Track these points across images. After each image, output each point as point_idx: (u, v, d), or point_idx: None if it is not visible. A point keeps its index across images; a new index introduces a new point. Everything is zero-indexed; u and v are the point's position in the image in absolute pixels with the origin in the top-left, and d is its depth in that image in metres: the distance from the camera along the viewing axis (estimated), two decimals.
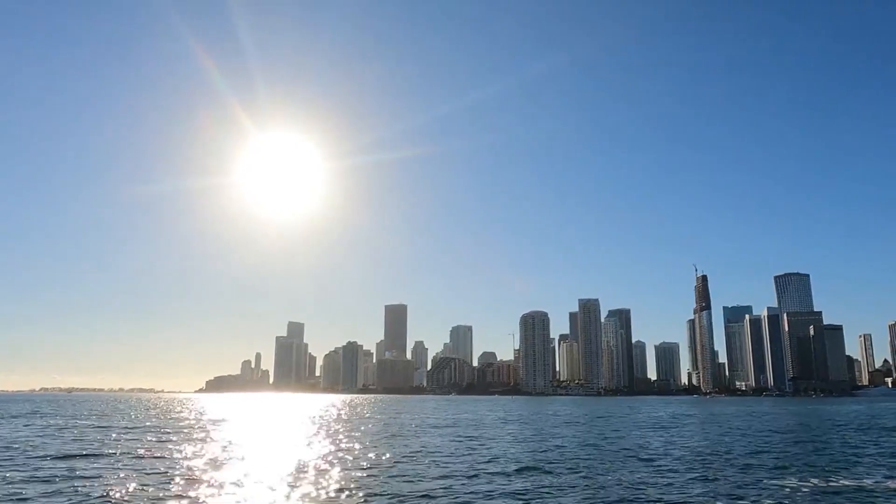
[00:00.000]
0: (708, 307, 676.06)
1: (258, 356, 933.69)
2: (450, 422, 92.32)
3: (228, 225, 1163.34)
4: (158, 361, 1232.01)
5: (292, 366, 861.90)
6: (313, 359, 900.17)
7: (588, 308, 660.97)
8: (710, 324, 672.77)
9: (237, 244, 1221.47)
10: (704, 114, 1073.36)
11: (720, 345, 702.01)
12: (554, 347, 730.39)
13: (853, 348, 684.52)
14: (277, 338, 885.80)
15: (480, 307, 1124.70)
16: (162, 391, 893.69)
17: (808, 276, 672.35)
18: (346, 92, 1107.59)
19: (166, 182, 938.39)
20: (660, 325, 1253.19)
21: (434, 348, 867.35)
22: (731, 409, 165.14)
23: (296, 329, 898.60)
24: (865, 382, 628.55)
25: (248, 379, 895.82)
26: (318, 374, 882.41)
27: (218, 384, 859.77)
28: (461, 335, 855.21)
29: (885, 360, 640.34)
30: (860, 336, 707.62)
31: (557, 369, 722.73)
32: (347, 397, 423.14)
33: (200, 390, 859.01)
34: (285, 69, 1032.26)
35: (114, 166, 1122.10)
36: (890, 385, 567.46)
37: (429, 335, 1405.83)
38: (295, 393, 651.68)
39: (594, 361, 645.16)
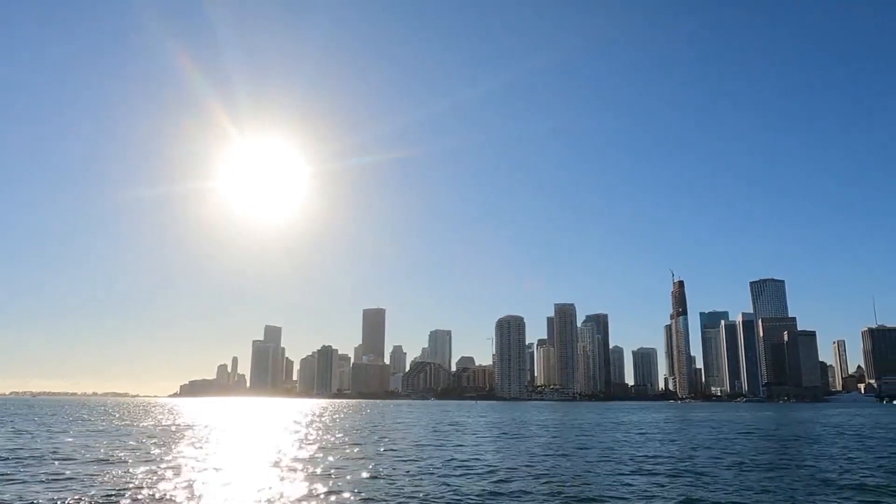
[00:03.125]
0: (684, 312, 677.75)
1: (234, 360, 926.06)
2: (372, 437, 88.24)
3: (207, 229, 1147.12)
4: (134, 366, 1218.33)
5: (269, 370, 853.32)
6: (290, 363, 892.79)
7: (564, 313, 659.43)
8: (687, 329, 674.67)
9: (216, 248, 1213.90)
10: (685, 120, 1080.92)
11: (697, 350, 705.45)
12: (532, 352, 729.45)
13: (827, 354, 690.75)
14: (254, 342, 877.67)
15: (460, 312, 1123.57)
16: (137, 395, 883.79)
17: (783, 282, 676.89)
18: (328, 95, 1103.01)
19: (145, 186, 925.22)
20: (638, 330, 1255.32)
21: (413, 353, 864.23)
22: (691, 415, 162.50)
23: (273, 333, 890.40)
24: (839, 388, 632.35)
25: (223, 383, 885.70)
26: (295, 378, 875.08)
27: (193, 388, 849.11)
28: (440, 340, 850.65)
29: (859, 366, 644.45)
30: (834, 342, 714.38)
31: (535, 374, 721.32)
32: (319, 402, 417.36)
33: (174, 395, 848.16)
34: (268, 72, 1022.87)
35: (92, 170, 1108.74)
36: (863, 391, 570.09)
37: (408, 340, 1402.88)
38: (270, 398, 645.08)
39: (570, 366, 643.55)
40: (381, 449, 51.18)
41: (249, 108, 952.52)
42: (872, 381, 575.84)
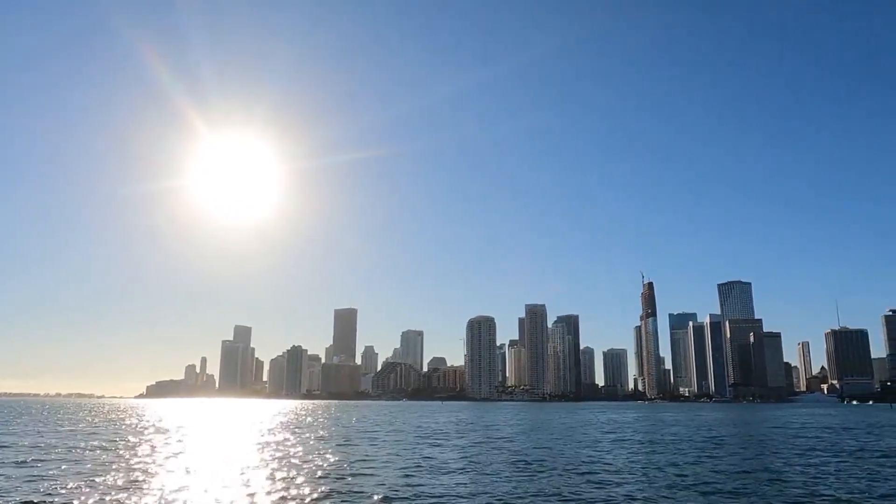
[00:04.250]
0: (654, 314, 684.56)
1: (203, 361, 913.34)
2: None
3: (177, 228, 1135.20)
4: (99, 366, 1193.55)
5: (238, 371, 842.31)
6: (260, 364, 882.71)
7: (535, 313, 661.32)
8: (656, 330, 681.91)
9: (186, 247, 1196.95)
10: (656, 122, 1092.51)
11: (666, 351, 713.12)
12: (504, 353, 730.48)
13: (792, 355, 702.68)
14: (223, 342, 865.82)
15: (432, 312, 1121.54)
16: (102, 396, 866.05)
17: (749, 284, 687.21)
18: (301, 93, 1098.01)
19: (112, 184, 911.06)
20: (609, 331, 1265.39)
21: (384, 353, 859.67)
22: (653, 416, 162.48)
23: (243, 333, 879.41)
24: (803, 388, 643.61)
25: (192, 384, 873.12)
26: (265, 379, 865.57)
27: (160, 389, 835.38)
28: (412, 340, 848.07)
29: (822, 367, 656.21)
30: (799, 344, 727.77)
31: (507, 374, 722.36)
32: (288, 403, 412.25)
33: (141, 395, 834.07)
34: (240, 69, 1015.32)
35: (57, 168, 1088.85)
36: (825, 391, 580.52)
37: (380, 340, 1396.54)
38: (239, 398, 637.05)
39: (540, 367, 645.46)
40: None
41: (221, 105, 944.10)
42: (835, 382, 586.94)
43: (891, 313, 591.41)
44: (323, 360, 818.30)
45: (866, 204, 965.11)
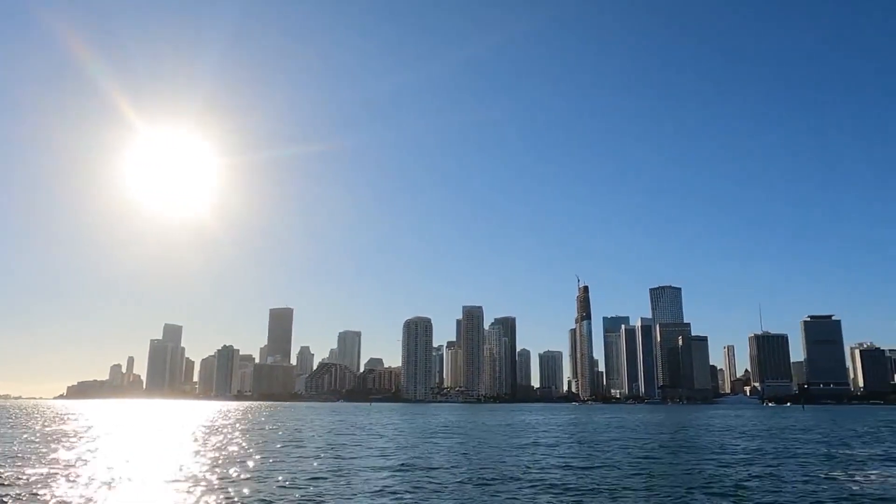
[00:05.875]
0: (588, 317, 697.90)
1: (130, 360, 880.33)
2: None
3: (106, 222, 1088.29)
4: (17, 365, 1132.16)
5: (166, 371, 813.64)
6: (191, 363, 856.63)
7: (472, 315, 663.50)
8: (590, 333, 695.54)
9: (114, 242, 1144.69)
10: (592, 126, 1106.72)
11: (599, 353, 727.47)
12: (442, 354, 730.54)
13: (718, 358, 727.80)
14: (152, 341, 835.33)
15: (371, 312, 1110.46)
16: (19, 397, 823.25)
17: (680, 289, 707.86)
18: (240, 84, 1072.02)
19: (33, 177, 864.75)
20: (545, 333, 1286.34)
21: (321, 354, 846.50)
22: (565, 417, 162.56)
23: (172, 332, 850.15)
24: (728, 390, 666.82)
25: (117, 384, 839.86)
26: (195, 379, 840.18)
27: (82, 390, 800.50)
28: (349, 341, 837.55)
29: (746, 370, 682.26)
30: (724, 347, 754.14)
31: (444, 376, 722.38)
32: (217, 404, 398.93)
33: (61, 396, 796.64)
34: (174, 59, 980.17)
35: None
36: (748, 393, 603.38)
37: (316, 341, 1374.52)
38: (167, 399, 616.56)
39: (475, 368, 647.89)
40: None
41: (155, 98, 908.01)
42: (757, 385, 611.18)
43: (809, 319, 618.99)
44: (257, 361, 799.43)
45: (789, 210, 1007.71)
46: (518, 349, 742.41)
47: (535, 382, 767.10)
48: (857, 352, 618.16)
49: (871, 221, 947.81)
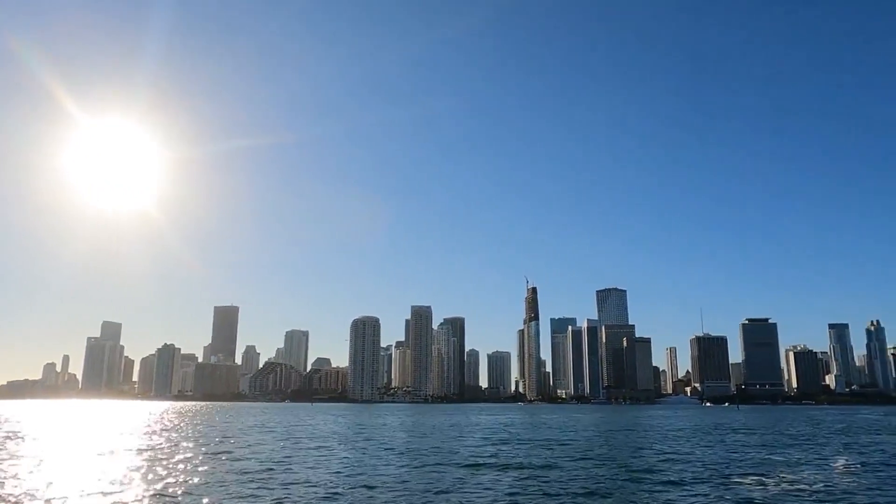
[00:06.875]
0: (536, 318, 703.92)
1: (66, 359, 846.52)
2: None
3: (43, 216, 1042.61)
4: None
5: (104, 370, 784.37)
6: (130, 362, 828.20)
7: (420, 315, 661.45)
8: (538, 334, 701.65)
9: (51, 237, 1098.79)
10: (542, 127, 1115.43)
11: (546, 354, 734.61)
12: (390, 354, 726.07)
13: (660, 359, 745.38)
14: (89, 339, 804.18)
15: (319, 311, 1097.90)
16: None
17: (625, 291, 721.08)
18: (186, 77, 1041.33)
19: None
20: (494, 334, 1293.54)
21: (267, 353, 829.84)
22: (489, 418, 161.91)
23: (111, 330, 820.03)
24: (670, 391, 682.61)
25: (51, 384, 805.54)
26: (134, 379, 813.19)
27: (12, 390, 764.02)
28: (296, 340, 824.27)
29: (688, 371, 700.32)
30: (667, 349, 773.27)
31: (393, 376, 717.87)
32: (156, 404, 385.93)
33: None
34: (118, 52, 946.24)
35: None
36: (689, 394, 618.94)
37: (262, 340, 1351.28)
38: (104, 400, 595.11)
39: (424, 368, 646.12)
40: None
41: (96, 87, 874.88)
42: (698, 385, 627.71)
43: (747, 322, 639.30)
44: (200, 360, 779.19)
45: (730, 216, 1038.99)
46: (467, 349, 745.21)
47: (484, 383, 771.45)
48: (791, 354, 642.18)
49: (806, 228, 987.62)
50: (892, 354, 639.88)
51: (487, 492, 31.05)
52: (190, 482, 33.56)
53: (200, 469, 39.39)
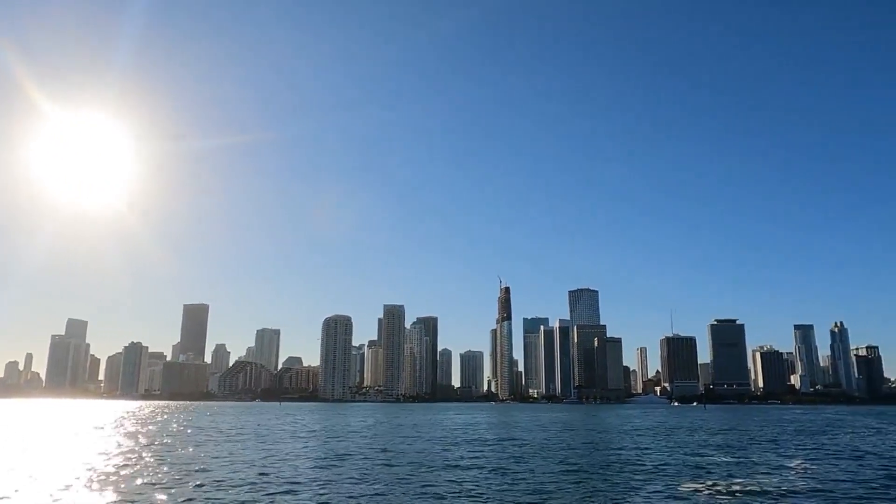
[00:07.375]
0: (509, 318, 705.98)
1: (29, 357, 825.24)
2: None
3: (6, 210, 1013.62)
4: None
5: (68, 369, 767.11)
6: (96, 361, 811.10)
7: (393, 314, 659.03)
8: (511, 334, 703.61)
9: (17, 232, 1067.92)
10: (517, 126, 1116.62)
11: (519, 354, 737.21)
12: (363, 353, 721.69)
13: (631, 359, 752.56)
14: (53, 336, 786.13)
15: (291, 310, 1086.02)
16: None
17: (597, 292, 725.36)
18: (161, 72, 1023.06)
19: None
20: (467, 333, 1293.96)
21: (238, 352, 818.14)
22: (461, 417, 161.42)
23: (77, 327, 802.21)
24: (640, 390, 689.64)
25: (13, 383, 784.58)
26: (101, 377, 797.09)
27: None
28: (267, 339, 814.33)
29: (658, 371, 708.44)
30: (637, 349, 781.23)
31: (365, 375, 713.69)
32: (122, 404, 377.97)
33: None
34: (90, 46, 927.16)
35: None
36: (658, 393, 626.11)
37: (233, 338, 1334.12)
38: (68, 399, 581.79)
39: (396, 368, 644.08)
40: None
41: (67, 79, 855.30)
42: (667, 385, 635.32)
43: (716, 323, 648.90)
44: (168, 358, 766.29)
45: (700, 217, 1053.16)
46: (439, 349, 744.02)
47: (456, 382, 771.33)
48: (757, 354, 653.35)
49: (773, 231, 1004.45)
50: (856, 355, 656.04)
51: (438, 491, 30.30)
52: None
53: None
